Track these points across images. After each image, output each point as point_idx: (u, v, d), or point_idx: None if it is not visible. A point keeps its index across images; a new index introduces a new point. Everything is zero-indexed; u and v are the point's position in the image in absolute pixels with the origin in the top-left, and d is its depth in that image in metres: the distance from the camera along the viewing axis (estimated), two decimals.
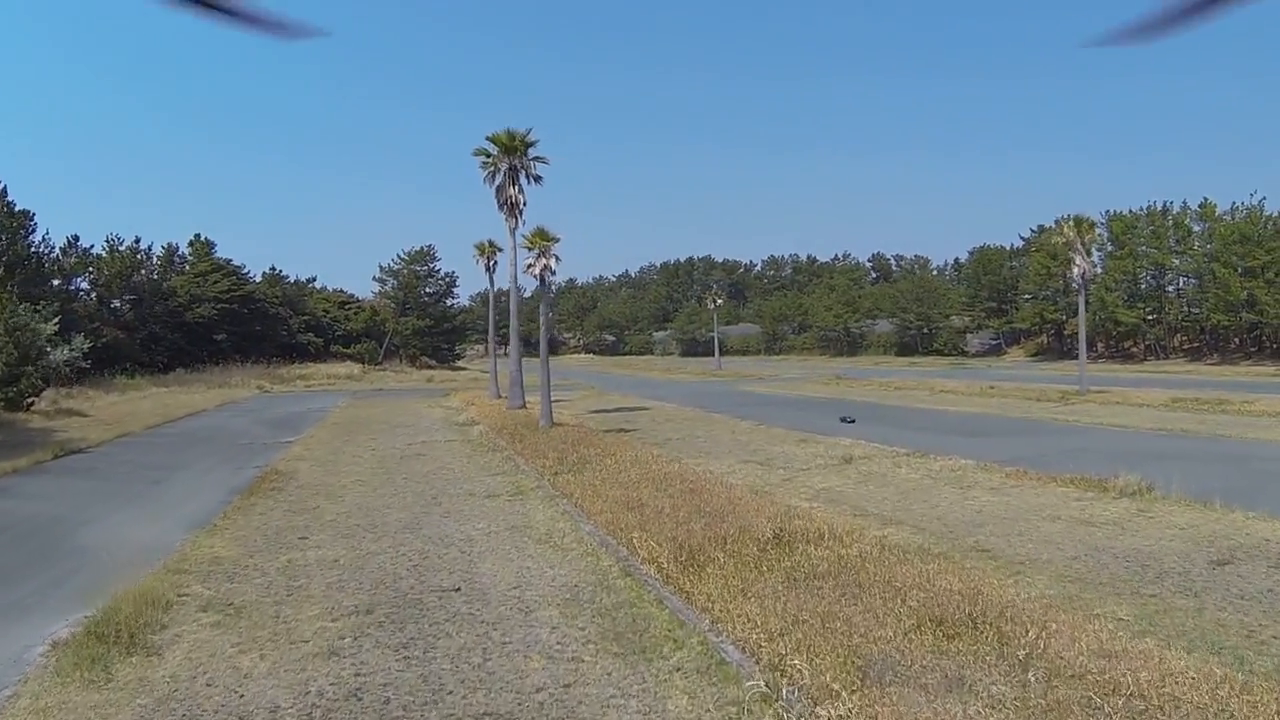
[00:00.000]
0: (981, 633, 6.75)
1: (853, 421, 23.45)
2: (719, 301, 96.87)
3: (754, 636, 6.39)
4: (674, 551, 8.61)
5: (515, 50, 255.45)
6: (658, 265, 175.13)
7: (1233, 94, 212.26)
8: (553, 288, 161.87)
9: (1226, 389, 36.22)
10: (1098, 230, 37.79)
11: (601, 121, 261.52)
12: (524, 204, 28.14)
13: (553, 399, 25.34)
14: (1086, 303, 76.13)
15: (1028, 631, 6.71)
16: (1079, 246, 37.26)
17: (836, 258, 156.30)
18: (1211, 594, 8.49)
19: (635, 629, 7.01)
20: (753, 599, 7.15)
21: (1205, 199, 74.36)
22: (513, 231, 28.89)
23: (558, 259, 24.92)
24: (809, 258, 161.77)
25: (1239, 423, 24.62)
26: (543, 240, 24.84)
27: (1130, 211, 78.98)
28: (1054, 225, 38.81)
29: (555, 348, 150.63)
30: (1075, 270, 38.10)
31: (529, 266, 25.37)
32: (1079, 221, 37.53)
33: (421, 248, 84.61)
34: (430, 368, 78.31)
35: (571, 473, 15.13)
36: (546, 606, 7.75)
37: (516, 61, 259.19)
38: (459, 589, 8.28)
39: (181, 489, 15.76)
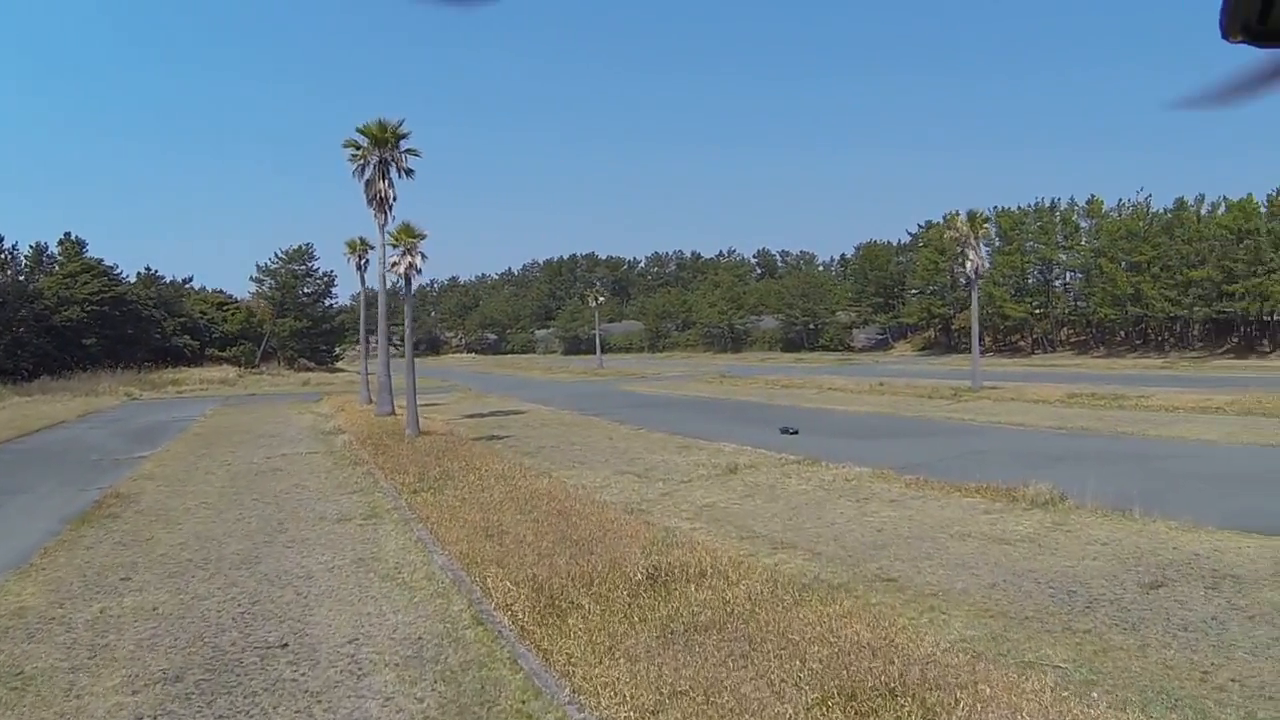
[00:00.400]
0: (902, 706, 6.00)
1: (795, 432, 24.12)
2: (601, 299, 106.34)
3: (622, 716, 6.11)
4: (533, 595, 8.72)
5: (390, 42, 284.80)
6: (540, 262, 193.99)
7: (1120, 92, 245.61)
8: (435, 286, 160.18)
9: (1118, 383, 40.98)
10: (989, 227, 41.43)
11: (486, 116, 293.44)
12: (394, 199, 30.68)
13: (428, 402, 27.29)
14: (964, 289, 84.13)
15: (958, 702, 6.06)
16: (972, 241, 41.13)
17: (721, 254, 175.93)
18: (1151, 626, 8.46)
19: (483, 699, 6.86)
20: (622, 659, 7.06)
21: (1093, 196, 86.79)
22: (382, 228, 31.31)
23: (424, 256, 27.38)
24: (694, 254, 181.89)
25: (1137, 418, 27.45)
26: (408, 237, 26.98)
27: (1018, 208, 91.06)
28: (943, 220, 42.46)
29: (437, 347, 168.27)
30: (969, 265, 41.98)
31: (393, 264, 27.89)
32: (972, 216, 41.52)
33: (299, 246, 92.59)
34: (308, 370, 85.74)
35: (431, 491, 15.93)
36: (383, 668, 7.68)
37: (394, 53, 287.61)
38: (286, 645, 8.36)
39: (7, 519, 15.89)
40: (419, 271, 27.74)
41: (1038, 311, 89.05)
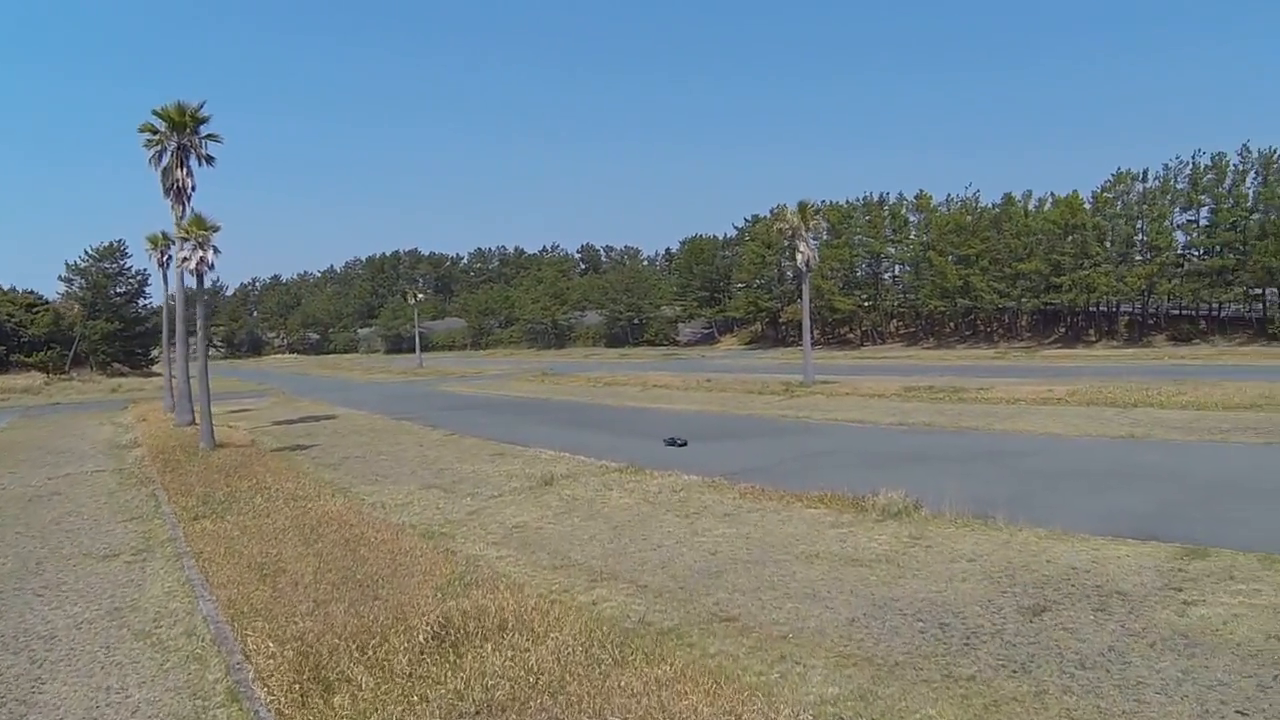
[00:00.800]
0: None
1: (683, 444, 24.03)
2: (421, 296, 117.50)
3: None
4: (297, 661, 8.19)
5: (207, 31, 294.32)
6: (363, 259, 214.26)
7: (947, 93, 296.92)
8: (256, 284, 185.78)
9: (953, 374, 44.86)
10: (819, 219, 46.08)
11: (307, 108, 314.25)
12: (193, 189, 31.60)
13: (239, 408, 30.54)
14: (799, 286, 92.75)
15: None
16: (803, 233, 44.57)
17: (545, 249, 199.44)
18: (1043, 665, 8.09)
19: None
20: None
21: (921, 191, 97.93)
22: (179, 220, 31.90)
23: (216, 251, 28.79)
24: (517, 250, 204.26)
25: (980, 412, 29.35)
26: (200, 229, 28.31)
27: (846, 202, 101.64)
28: (771, 214, 45.49)
29: (259, 348, 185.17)
30: (799, 257, 45.27)
31: (183, 260, 29.14)
32: (802, 207, 44.93)
33: (110, 243, 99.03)
34: (121, 375, 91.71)
35: (214, 517, 16.12)
36: None
37: (210, 42, 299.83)
38: None
39: None
40: (211, 267, 29.06)
41: (867, 304, 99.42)
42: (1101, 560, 11.31)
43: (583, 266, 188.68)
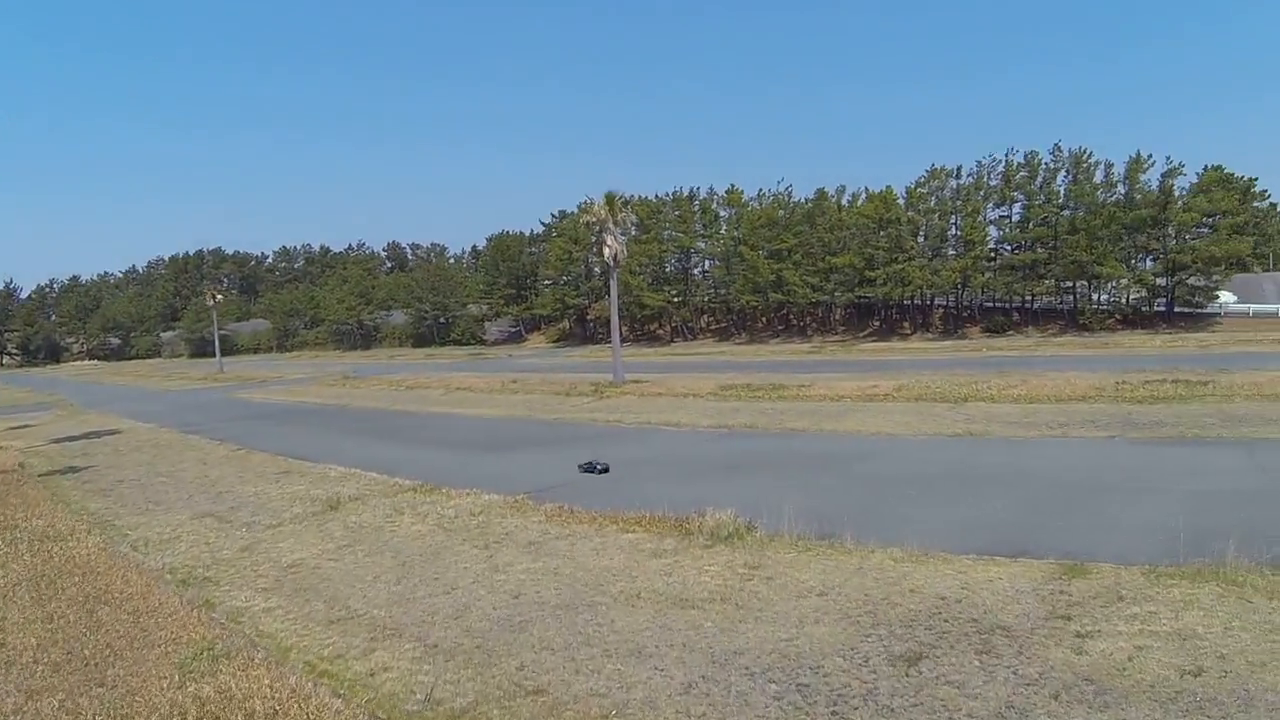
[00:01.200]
0: None
1: (604, 470, 20.65)
2: (220, 297, 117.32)
3: None
4: None
5: None
6: (166, 259, 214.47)
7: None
8: (54, 286, 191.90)
9: (769, 370, 45.50)
10: (629, 212, 46.01)
11: (105, 103, 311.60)
12: None
13: (19, 424, 29.36)
14: (607, 283, 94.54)
15: None
16: (610, 225, 44.79)
17: (351, 248, 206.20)
18: None
19: None
20: None
21: (732, 185, 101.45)
22: None
23: None
24: (323, 248, 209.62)
25: (804, 410, 29.09)
26: None
27: (656, 197, 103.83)
28: (578, 209, 45.08)
29: (57, 355, 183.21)
30: (606, 251, 45.68)
31: None
32: (610, 199, 45.29)
33: None
34: None
35: None
36: None
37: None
38: None
39: None
40: None
41: (677, 300, 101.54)
42: (972, 587, 10.33)
43: (389, 265, 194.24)
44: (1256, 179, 72.79)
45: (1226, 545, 10.66)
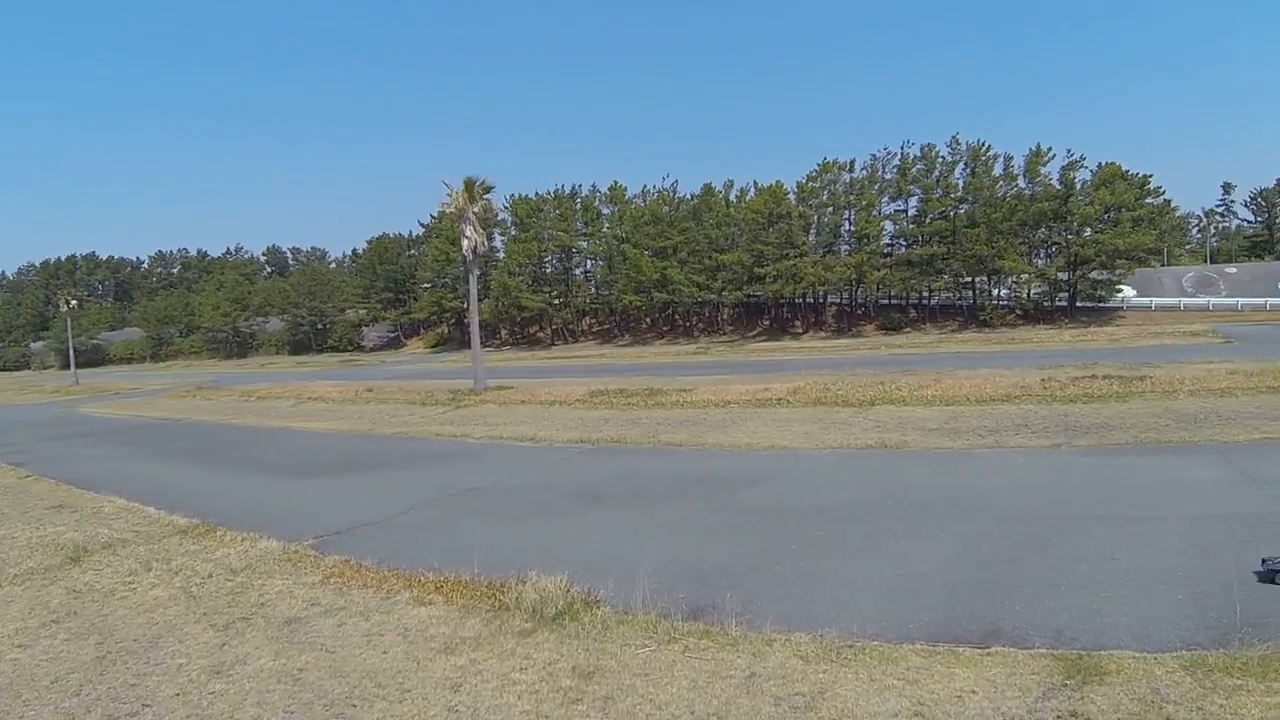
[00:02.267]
0: None
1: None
2: (74, 303, 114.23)
3: None
4: None
5: None
6: (37, 264, 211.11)
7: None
8: None
9: (650, 372, 43.16)
10: (490, 199, 44.86)
11: None
12: None
13: None
14: (486, 285, 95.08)
15: None
16: (470, 216, 43.19)
17: (229, 251, 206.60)
18: None
19: None
20: None
21: (615, 182, 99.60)
22: None
23: None
24: (200, 252, 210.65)
25: (683, 419, 25.83)
26: None
27: (537, 194, 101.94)
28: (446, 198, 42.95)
29: None
30: (465, 243, 44.05)
31: None
32: (469, 184, 43.20)
33: None
34: None
35: None
36: None
37: None
38: None
39: None
40: None
41: (557, 301, 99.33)
42: (932, 713, 6.60)
43: (269, 270, 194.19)
44: (1151, 175, 73.01)
45: (1274, 606, 8.02)
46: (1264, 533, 10.75)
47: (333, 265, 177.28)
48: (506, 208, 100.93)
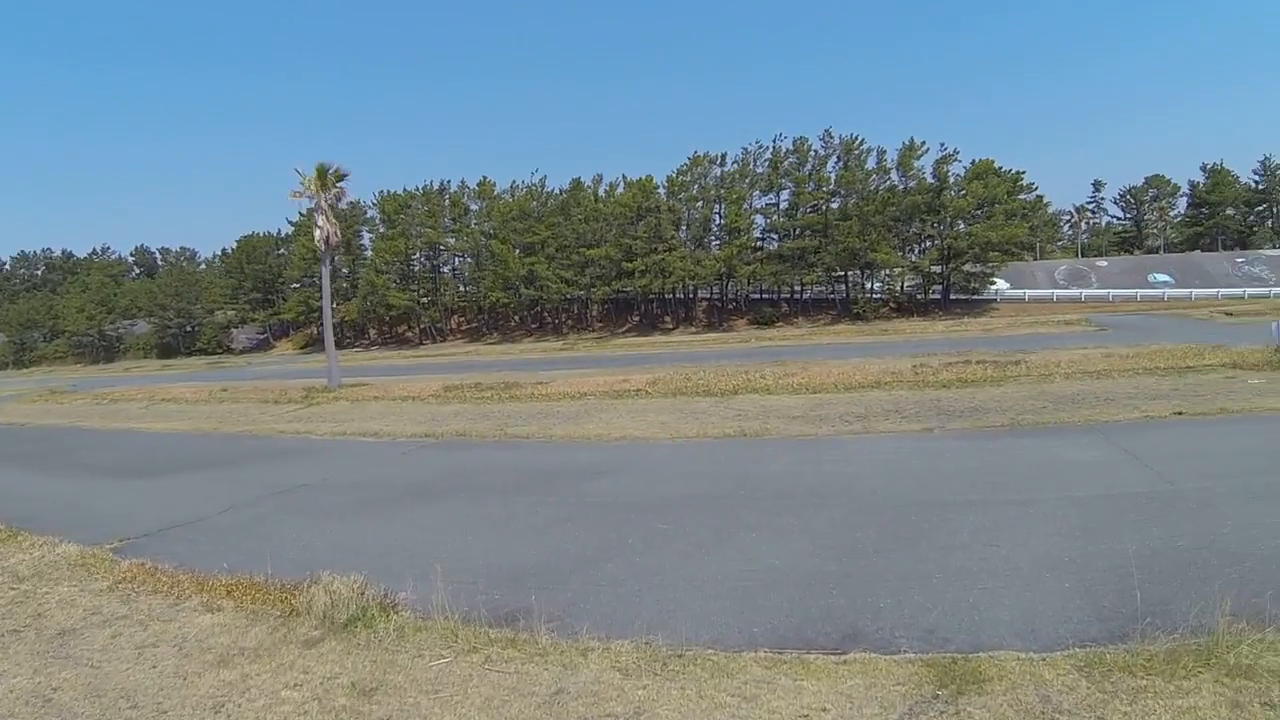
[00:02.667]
0: None
1: None
2: None
3: None
4: None
5: None
6: None
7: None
8: None
9: (512, 368, 42.58)
10: (343, 186, 43.61)
11: None
12: None
13: None
14: (354, 283, 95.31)
15: None
16: (323, 204, 42.18)
17: (95, 252, 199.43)
18: None
19: None
20: None
21: (484, 177, 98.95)
22: None
23: None
24: (65, 253, 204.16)
25: (535, 412, 24.91)
26: None
27: (405, 190, 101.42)
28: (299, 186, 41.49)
29: None
30: (317, 233, 43.04)
31: None
32: (321, 171, 42.08)
33: None
34: None
35: None
36: None
37: None
38: None
39: None
40: None
41: (425, 300, 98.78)
42: None
43: (136, 271, 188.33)
44: (1025, 171, 75.25)
45: (1175, 590, 7.33)
46: (1155, 512, 9.96)
47: (203, 266, 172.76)
48: (374, 204, 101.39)
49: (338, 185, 43.42)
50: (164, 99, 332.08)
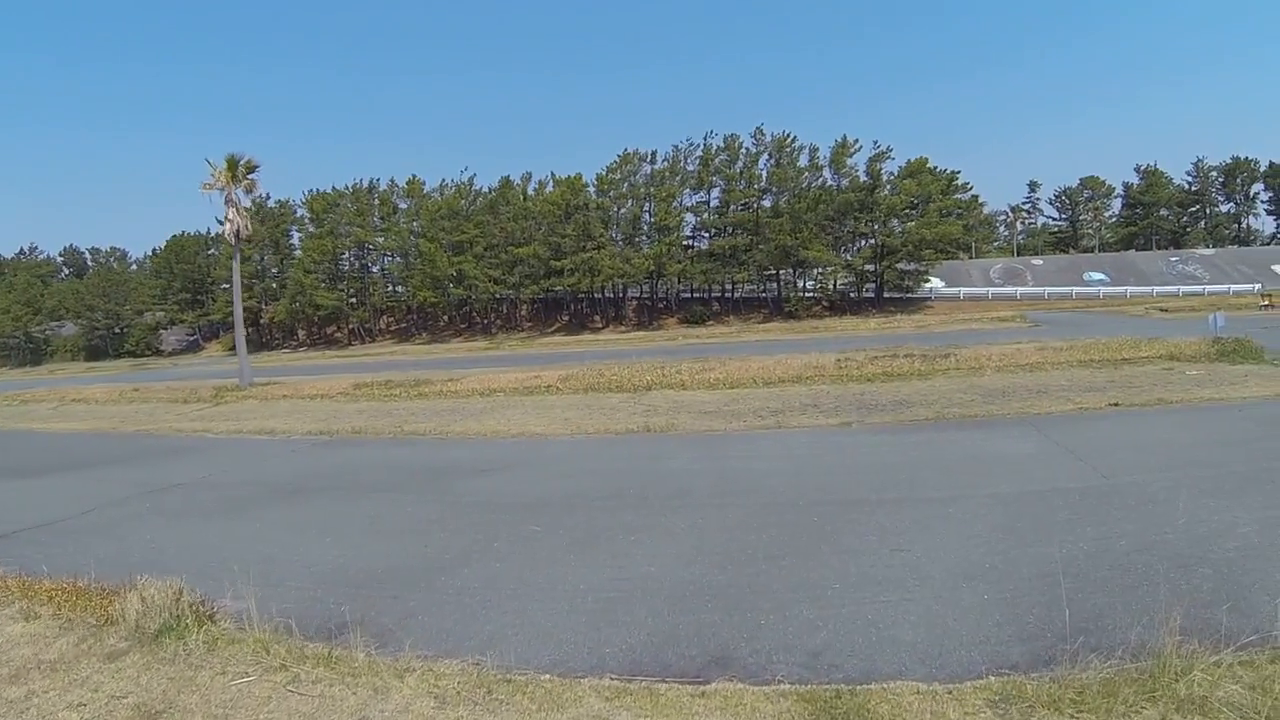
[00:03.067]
0: None
1: None
2: None
3: None
4: None
5: None
6: None
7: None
8: None
9: (432, 366, 41.94)
10: (254, 178, 43.16)
11: None
12: None
13: None
14: (283, 283, 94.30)
15: None
16: (233, 196, 41.83)
17: (23, 252, 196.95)
18: None
19: None
20: None
21: (413, 176, 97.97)
22: None
23: None
24: None
25: (439, 410, 24.10)
26: None
27: (334, 189, 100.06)
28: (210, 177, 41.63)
29: None
30: (228, 226, 42.65)
31: None
32: (231, 162, 41.83)
33: None
34: None
35: None
36: None
37: None
38: None
39: None
40: None
41: (353, 300, 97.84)
42: None
43: (66, 271, 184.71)
44: (959, 171, 75.66)
45: (1112, 602, 6.34)
46: (1089, 510, 8.94)
47: (134, 267, 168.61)
48: (303, 203, 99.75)
49: (248, 177, 42.73)
50: (91, 94, 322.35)
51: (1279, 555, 7.33)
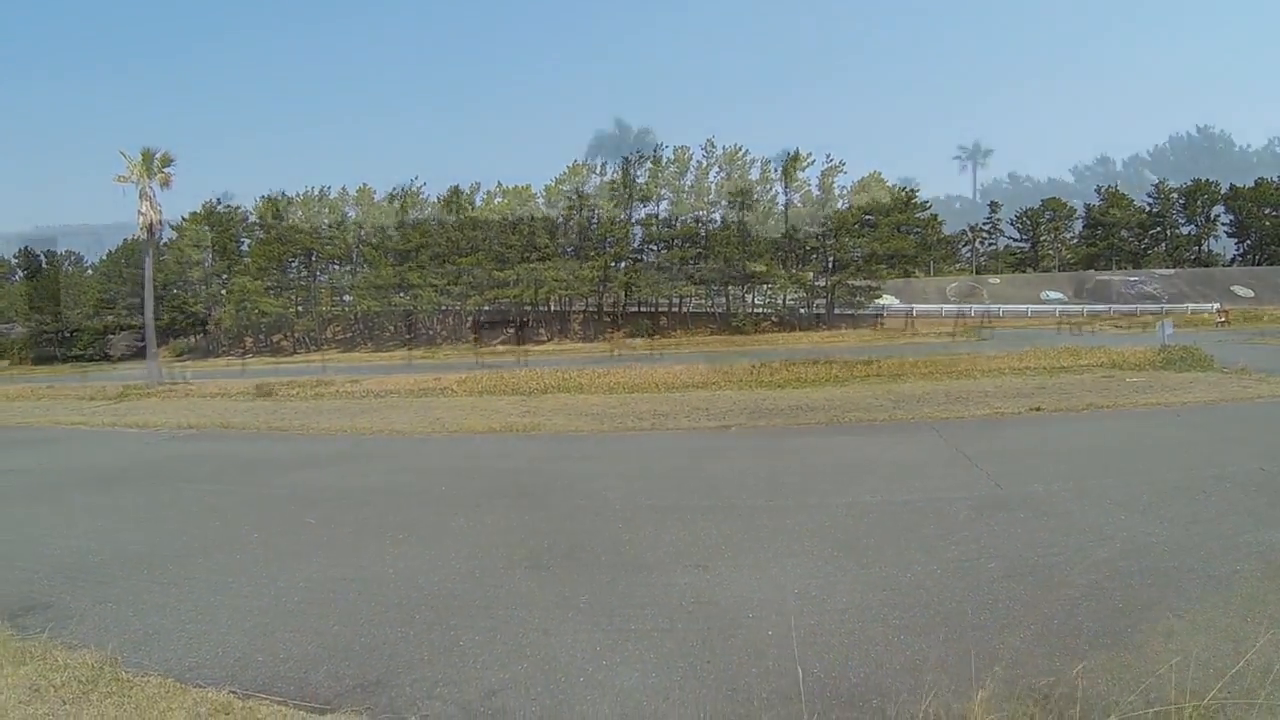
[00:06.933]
0: None
1: None
2: None
3: None
4: None
5: None
6: None
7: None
8: None
9: (350, 373, 41.86)
10: (170, 172, 43.29)
11: None
12: None
13: None
14: (230, 290, 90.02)
15: None
16: (148, 190, 41.92)
17: None
18: None
19: None
20: None
21: (364, 184, 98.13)
22: None
23: None
24: None
25: (319, 409, 23.66)
26: None
27: (284, 194, 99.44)
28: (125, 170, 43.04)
29: None
30: (140, 219, 43.04)
31: None
32: (146, 155, 41.88)
33: None
34: None
35: None
36: None
37: None
38: None
39: None
40: None
41: (300, 308, 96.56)
42: None
43: (20, 273, 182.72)
44: (918, 189, 75.32)
45: (925, 649, 4.99)
46: (965, 523, 7.73)
47: (89, 271, 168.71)
48: (254, 209, 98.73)
49: (164, 170, 42.57)
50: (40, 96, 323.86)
51: (1193, 584, 5.90)
